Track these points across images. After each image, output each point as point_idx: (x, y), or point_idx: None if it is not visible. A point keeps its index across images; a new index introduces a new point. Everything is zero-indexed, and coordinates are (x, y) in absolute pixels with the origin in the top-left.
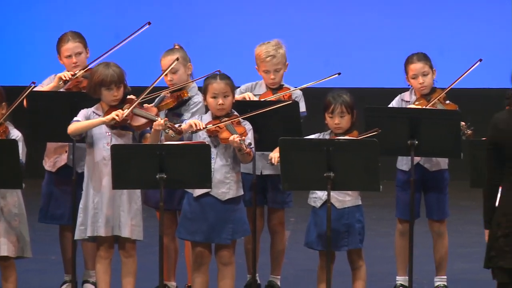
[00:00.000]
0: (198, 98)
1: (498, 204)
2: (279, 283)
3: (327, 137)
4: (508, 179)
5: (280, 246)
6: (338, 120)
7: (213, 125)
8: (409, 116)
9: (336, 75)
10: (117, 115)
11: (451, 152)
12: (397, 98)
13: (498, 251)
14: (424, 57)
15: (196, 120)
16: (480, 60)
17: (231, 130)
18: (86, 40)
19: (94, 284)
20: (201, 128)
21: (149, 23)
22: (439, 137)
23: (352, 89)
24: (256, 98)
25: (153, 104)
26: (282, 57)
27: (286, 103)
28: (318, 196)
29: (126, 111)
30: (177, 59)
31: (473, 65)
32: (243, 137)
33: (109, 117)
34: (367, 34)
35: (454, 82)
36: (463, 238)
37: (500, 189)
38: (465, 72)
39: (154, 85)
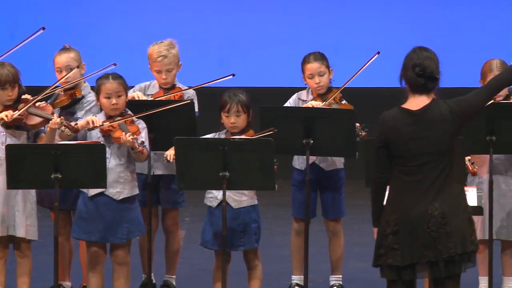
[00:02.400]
0: (91, 96)
1: (387, 202)
2: (174, 283)
3: (222, 136)
4: (396, 177)
5: (175, 246)
6: (234, 119)
7: (106, 124)
8: (304, 115)
9: (231, 76)
10: (6, 116)
11: (346, 151)
12: (294, 97)
13: (387, 248)
14: (320, 57)
15: (93, 117)
16: (378, 52)
17: (124, 129)
18: None
19: None
20: (98, 125)
21: (43, 28)
22: (334, 136)
23: (248, 89)
24: (144, 98)
25: (47, 102)
26: (174, 57)
27: (182, 102)
28: (214, 196)
29: (17, 112)
30: None
31: (372, 58)
32: (136, 136)
33: None
34: (263, 33)
35: (353, 76)
36: (359, 237)
37: (388, 187)
38: (364, 65)
39: (54, 86)
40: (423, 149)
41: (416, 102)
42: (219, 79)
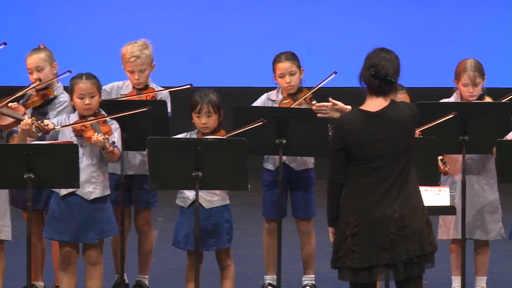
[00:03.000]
0: (64, 97)
1: (344, 204)
2: (147, 283)
3: (194, 136)
4: (354, 178)
5: (148, 246)
6: (205, 120)
7: (78, 124)
8: (277, 115)
9: (189, 86)
10: None
11: (319, 151)
12: (263, 97)
13: (346, 251)
14: (292, 56)
15: (47, 121)
16: (335, 72)
17: (96, 129)
18: None
19: None
20: (50, 129)
21: (5, 43)
22: (307, 136)
23: (219, 88)
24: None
25: (19, 102)
26: (147, 58)
27: (153, 103)
28: (186, 196)
29: None
30: None
31: (328, 77)
32: (107, 136)
33: None
34: (235, 33)
35: (314, 89)
36: None
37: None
38: (321, 83)
39: (30, 87)
40: (382, 150)
41: (374, 104)
42: (177, 88)
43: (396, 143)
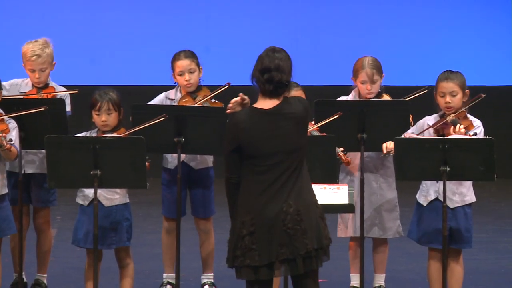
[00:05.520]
0: None
1: (240, 203)
2: (45, 282)
3: (94, 135)
4: (249, 177)
5: (46, 245)
6: (105, 118)
7: None
8: (176, 113)
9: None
10: None
11: (218, 149)
12: (161, 96)
13: (244, 249)
14: (191, 54)
15: None
16: (228, 84)
17: None
18: None
19: None
20: None
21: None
22: (205, 134)
23: (118, 87)
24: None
25: None
26: (48, 57)
27: (52, 101)
28: (86, 194)
29: None
30: None
31: (222, 88)
32: (4, 134)
33: None
34: (133, 31)
35: (213, 94)
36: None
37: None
38: (214, 93)
39: None
40: (278, 147)
41: (267, 103)
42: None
43: (291, 139)
